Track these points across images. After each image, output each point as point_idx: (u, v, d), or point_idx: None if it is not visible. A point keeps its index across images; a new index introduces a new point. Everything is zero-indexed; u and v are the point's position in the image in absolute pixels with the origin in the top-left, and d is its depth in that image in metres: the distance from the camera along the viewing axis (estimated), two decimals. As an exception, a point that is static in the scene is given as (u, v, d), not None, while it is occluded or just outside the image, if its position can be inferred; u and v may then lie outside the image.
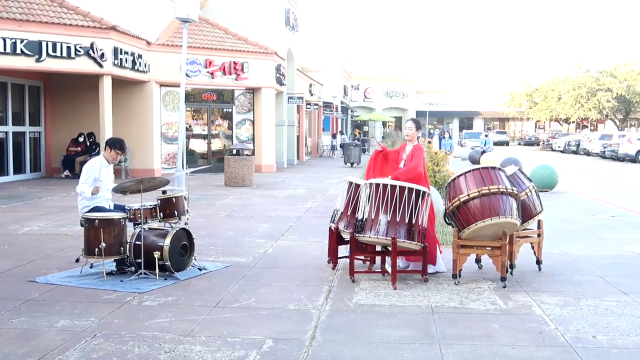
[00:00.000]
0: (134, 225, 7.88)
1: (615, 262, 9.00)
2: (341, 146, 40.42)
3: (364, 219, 7.55)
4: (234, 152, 21.10)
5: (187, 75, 16.91)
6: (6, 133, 20.37)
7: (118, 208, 8.08)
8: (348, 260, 7.87)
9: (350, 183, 7.98)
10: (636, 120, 69.26)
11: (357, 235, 7.59)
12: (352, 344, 5.53)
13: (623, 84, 61.80)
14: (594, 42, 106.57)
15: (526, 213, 8.09)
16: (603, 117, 65.86)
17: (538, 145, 67.89)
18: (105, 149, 8.42)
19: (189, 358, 5.14)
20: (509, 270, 7.75)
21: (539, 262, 8.34)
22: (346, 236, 7.92)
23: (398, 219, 7.43)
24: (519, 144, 74.40)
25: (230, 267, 8.40)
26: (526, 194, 8.20)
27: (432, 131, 60.94)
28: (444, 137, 40.27)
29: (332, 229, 8.22)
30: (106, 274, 7.63)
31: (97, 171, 8.11)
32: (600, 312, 6.52)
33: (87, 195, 7.99)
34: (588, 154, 46.52)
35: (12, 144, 20.60)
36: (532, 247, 8.39)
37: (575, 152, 49.88)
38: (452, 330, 5.89)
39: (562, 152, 52.95)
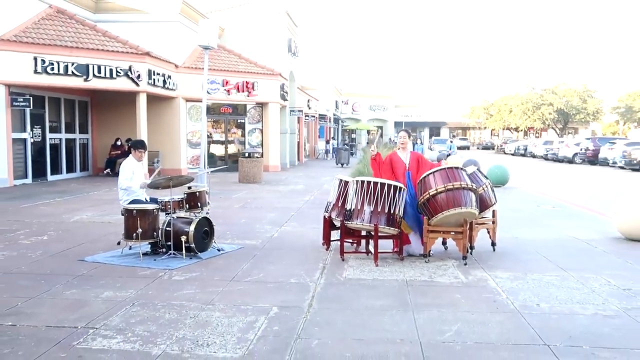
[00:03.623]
0: (165, 214, 7.88)
1: (555, 244, 9.03)
2: (333, 150, 40.48)
3: (352, 209, 7.58)
4: (247, 155, 21.16)
5: (207, 92, 16.90)
6: (60, 139, 20.34)
7: (152, 200, 8.09)
8: (339, 242, 7.90)
9: (341, 180, 8.00)
10: (573, 129, 69.38)
11: (346, 222, 7.62)
12: (342, 310, 5.56)
13: (562, 100, 61.98)
14: (539, 64, 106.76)
15: (483, 204, 8.12)
16: (546, 126, 66.05)
17: (493, 149, 67.91)
18: (131, 151, 8.43)
19: (210, 322, 5.16)
20: (469, 250, 7.78)
21: (493, 244, 8.37)
22: (337, 223, 7.94)
23: (379, 209, 7.46)
24: (478, 148, 74.44)
25: (243, 249, 8.42)
26: (483, 189, 8.23)
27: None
28: (416, 143, 40.17)
29: (326, 217, 8.23)
30: (142, 254, 7.65)
31: (131, 169, 8.13)
32: (543, 284, 6.55)
33: (131, 188, 8.03)
34: (534, 156, 46.58)
35: (65, 148, 20.57)
36: (488, 232, 8.41)
37: (523, 155, 49.94)
38: (423, 300, 5.92)
39: (512, 155, 53.01)
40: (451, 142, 41.73)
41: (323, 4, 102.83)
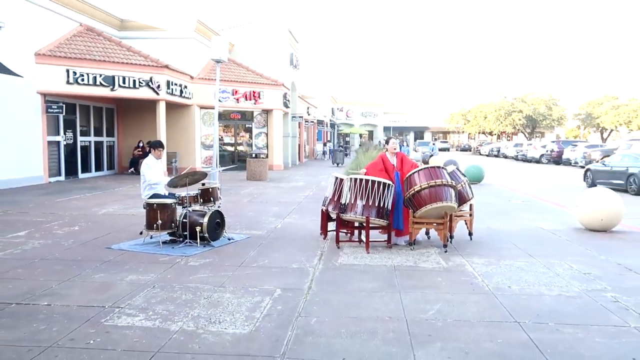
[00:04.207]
0: (182, 207, 7.87)
1: (525, 234, 9.04)
2: (330, 151, 40.45)
3: (346, 203, 7.58)
4: (253, 155, 21.13)
5: (219, 100, 16.83)
6: (89, 142, 20.28)
7: (171, 195, 8.08)
8: (335, 232, 7.90)
9: (337, 178, 8.00)
10: (540, 133, 69.42)
11: (341, 214, 7.62)
12: (337, 292, 5.56)
13: (531, 107, 61.94)
14: (510, 76, 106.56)
15: (462, 199, 8.13)
16: (516, 130, 65.99)
17: (470, 151, 67.82)
18: (151, 151, 8.41)
19: (221, 302, 5.15)
20: (449, 239, 7.79)
21: (470, 234, 8.38)
22: (333, 215, 7.92)
23: (370, 203, 7.46)
24: (457, 150, 74.37)
25: (251, 238, 8.40)
26: (462, 185, 8.24)
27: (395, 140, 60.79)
28: (403, 145, 40.13)
29: (323, 210, 8.23)
30: (162, 242, 7.65)
31: (152, 166, 8.12)
32: (514, 269, 6.56)
33: (157, 181, 8.03)
34: (505, 157, 46.56)
35: (93, 150, 20.51)
36: (466, 223, 8.42)
37: (496, 156, 49.91)
38: (409, 282, 5.92)
39: (487, 156, 52.95)
40: (433, 144, 41.65)
41: (321, 22, 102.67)
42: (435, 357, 3.95)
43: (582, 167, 30.96)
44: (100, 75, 17.73)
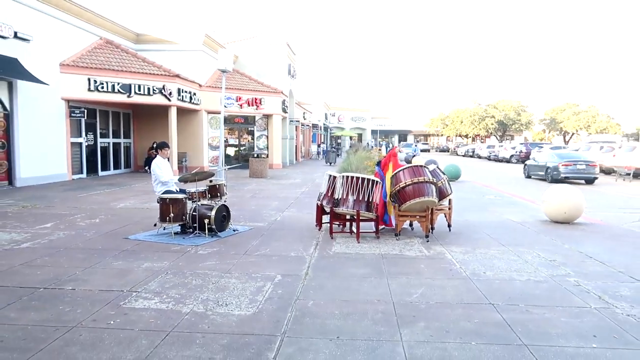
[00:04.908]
0: (192, 202, 7.83)
1: (497, 225, 9.06)
2: (323, 152, 40.42)
3: (339, 198, 7.56)
4: (255, 155, 21.01)
5: (225, 106, 16.80)
6: (108, 143, 20.13)
7: (182, 191, 8.03)
8: (329, 224, 7.87)
9: (330, 175, 7.97)
10: (510, 136, 69.48)
11: (334, 208, 7.60)
12: (332, 277, 5.55)
13: (502, 113, 62.04)
14: (484, 84, 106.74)
15: (441, 194, 8.13)
16: (489, 134, 66.14)
17: (448, 152, 67.85)
18: (158, 151, 8.33)
19: (228, 287, 5.13)
20: (431, 230, 7.80)
21: (449, 225, 8.38)
22: (327, 209, 7.90)
23: (360, 198, 7.45)
24: (436, 151, 74.45)
25: (253, 229, 8.37)
26: (442, 182, 8.24)
27: (381, 142, 60.73)
28: (389, 146, 40.31)
29: (318, 204, 8.20)
30: (174, 233, 7.60)
31: (162, 165, 8.07)
32: (488, 257, 6.57)
33: (168, 179, 7.98)
34: (479, 157, 46.57)
35: (112, 150, 20.37)
36: (445, 216, 8.41)
37: (471, 156, 49.92)
38: (395, 269, 5.91)
39: (463, 156, 52.94)
40: (416, 145, 41.74)
41: (316, 36, 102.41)
42: (419, 336, 3.94)
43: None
44: (118, 84, 17.60)
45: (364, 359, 3.55)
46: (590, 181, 19.09)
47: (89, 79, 16.98)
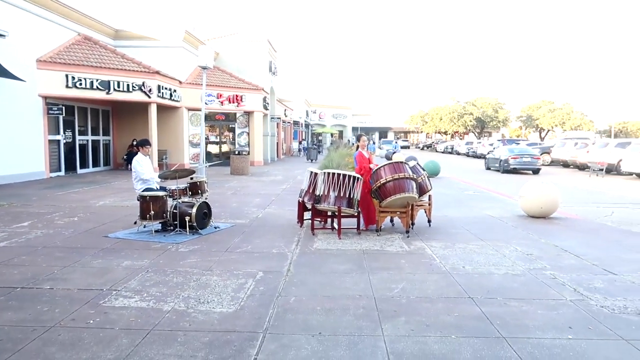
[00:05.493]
0: (172, 199, 7.74)
1: (476, 221, 9.16)
2: (304, 149, 40.39)
3: (320, 195, 7.55)
4: (237, 152, 20.92)
5: (205, 103, 16.61)
6: (87, 140, 19.78)
7: (162, 188, 7.93)
8: (310, 221, 7.88)
9: (312, 172, 7.97)
10: (488, 133, 70.31)
11: (316, 205, 7.60)
12: (313, 273, 5.54)
13: (480, 110, 62.74)
14: (463, 81, 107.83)
15: (421, 190, 8.19)
16: (467, 130, 66.79)
17: (428, 148, 68.40)
18: (139, 148, 8.20)
19: (209, 284, 5.08)
20: (411, 226, 7.84)
21: (429, 221, 8.45)
22: (309, 206, 7.90)
23: (342, 195, 7.45)
24: (416, 147, 74.98)
25: (235, 226, 8.31)
26: (422, 178, 8.29)
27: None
28: (370, 143, 40.37)
29: (300, 201, 8.20)
30: (154, 231, 7.52)
31: (142, 162, 7.96)
32: (467, 251, 6.64)
33: (149, 177, 7.88)
34: (458, 153, 47.05)
35: (91, 148, 20.02)
36: (425, 212, 8.49)
37: (450, 153, 50.39)
38: (376, 264, 5.93)
39: (442, 152, 53.37)
40: (396, 142, 41.97)
41: (297, 33, 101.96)
42: (400, 330, 3.96)
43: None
44: (97, 80, 17.28)
45: (346, 355, 3.55)
46: (535, 171, 22.45)
47: (66, 76, 16.64)
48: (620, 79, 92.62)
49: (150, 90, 18.65)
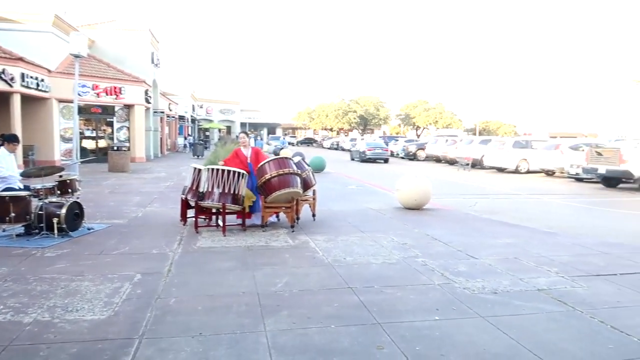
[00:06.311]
0: (39, 199, 6.99)
1: (358, 214, 9.52)
2: (190, 145, 39.07)
3: (204, 192, 7.33)
4: (115, 148, 19.54)
5: (79, 94, 15.27)
6: None
7: (25, 188, 7.13)
8: (194, 219, 7.62)
9: (195, 168, 7.69)
10: (370, 130, 73.58)
11: (199, 202, 7.35)
12: (196, 273, 5.36)
13: (363, 108, 65.55)
14: (347, 79, 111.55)
15: (306, 185, 8.31)
16: (352, 127, 69.48)
17: (315, 144, 69.82)
18: (5, 144, 7.33)
19: (79, 290, 4.67)
20: (296, 221, 7.92)
21: (314, 215, 8.60)
22: (192, 203, 7.63)
23: (226, 191, 7.30)
24: (303, 144, 76.11)
25: (112, 227, 7.76)
26: (306, 173, 8.41)
27: (250, 135, 60.43)
28: (257, 139, 40.14)
29: (183, 199, 7.89)
30: (16, 235, 6.74)
31: (4, 159, 7.09)
32: (349, 243, 6.87)
33: (6, 175, 6.99)
34: (343, 150, 48.65)
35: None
36: (310, 206, 8.63)
37: (336, 149, 51.93)
38: (261, 260, 5.90)
39: (329, 148, 54.86)
40: (284, 138, 42.19)
41: (182, 25, 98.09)
42: (282, 324, 3.98)
43: (402, 157, 33.96)
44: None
45: (227, 353, 3.48)
46: (385, 160, 29.32)
47: None
48: (484, 81, 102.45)
49: (12, 79, 16.69)
